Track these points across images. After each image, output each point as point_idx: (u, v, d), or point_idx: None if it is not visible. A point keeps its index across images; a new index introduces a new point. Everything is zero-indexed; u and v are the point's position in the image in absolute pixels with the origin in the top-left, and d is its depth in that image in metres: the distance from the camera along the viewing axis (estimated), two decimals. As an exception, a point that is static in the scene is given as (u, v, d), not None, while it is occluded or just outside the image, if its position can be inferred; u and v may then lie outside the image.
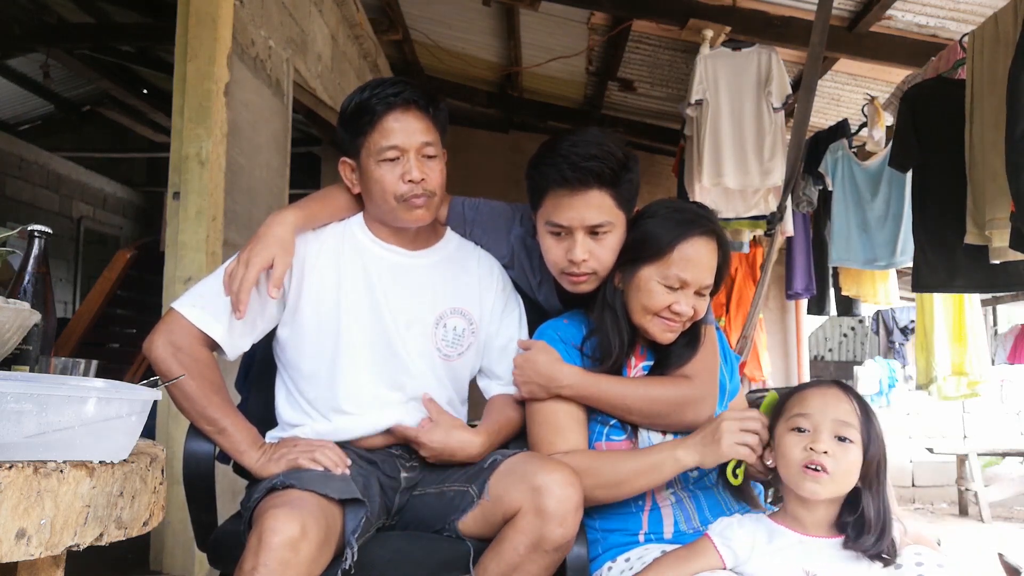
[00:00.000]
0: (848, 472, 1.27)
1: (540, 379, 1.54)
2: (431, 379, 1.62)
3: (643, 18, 4.24)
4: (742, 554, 1.30)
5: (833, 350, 12.52)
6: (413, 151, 1.55)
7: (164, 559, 2.84)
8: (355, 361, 1.57)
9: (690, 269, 1.49)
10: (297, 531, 1.23)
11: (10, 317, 1.05)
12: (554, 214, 1.53)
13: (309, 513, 1.28)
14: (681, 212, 1.55)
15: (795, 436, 1.30)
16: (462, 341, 1.65)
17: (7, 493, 0.81)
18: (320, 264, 1.59)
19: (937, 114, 2.96)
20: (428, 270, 1.65)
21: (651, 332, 1.53)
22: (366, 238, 1.64)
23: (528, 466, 1.40)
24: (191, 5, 2.89)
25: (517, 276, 1.76)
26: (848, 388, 1.33)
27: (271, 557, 1.21)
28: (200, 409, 1.48)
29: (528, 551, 1.35)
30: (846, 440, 1.27)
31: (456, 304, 1.65)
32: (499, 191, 2.07)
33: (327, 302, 1.58)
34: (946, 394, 5.19)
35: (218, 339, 1.52)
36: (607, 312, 1.56)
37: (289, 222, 1.55)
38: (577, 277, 1.56)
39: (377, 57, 5.30)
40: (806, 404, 1.31)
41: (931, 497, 6.67)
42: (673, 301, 1.49)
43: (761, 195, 4.05)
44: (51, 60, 6.36)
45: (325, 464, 1.44)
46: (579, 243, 1.52)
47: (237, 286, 1.46)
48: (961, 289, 3.10)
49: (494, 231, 1.74)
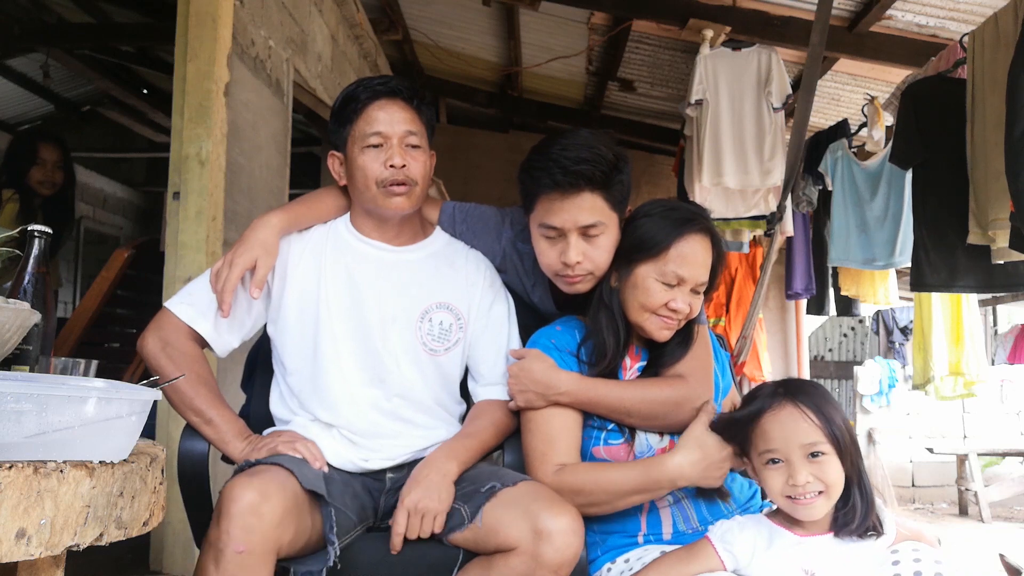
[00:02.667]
0: (834, 483, 1.28)
1: (537, 387, 1.53)
2: (415, 375, 1.62)
3: (643, 18, 4.24)
4: (743, 559, 1.30)
5: (833, 350, 12.51)
6: (396, 138, 1.58)
7: (164, 559, 2.84)
8: (336, 356, 1.58)
9: (687, 266, 1.50)
10: (255, 496, 1.25)
11: (10, 317, 1.05)
12: (546, 217, 1.54)
13: (270, 480, 1.29)
14: (677, 211, 1.57)
15: (772, 470, 1.30)
16: (449, 336, 1.65)
17: (7, 493, 0.81)
18: (303, 262, 1.62)
19: (938, 112, 2.96)
20: (414, 265, 1.67)
21: (648, 330, 1.54)
22: (350, 235, 1.67)
23: (533, 504, 1.37)
24: (191, 5, 2.88)
25: (511, 279, 1.76)
26: (798, 396, 1.30)
27: (233, 524, 1.23)
28: (187, 401, 1.51)
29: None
30: (819, 455, 1.27)
31: (442, 299, 1.65)
32: (499, 191, 2.07)
33: (308, 298, 1.60)
34: (943, 394, 5.21)
35: (205, 335, 1.56)
36: (603, 311, 1.56)
37: (273, 225, 1.59)
38: (572, 278, 1.56)
39: (377, 57, 5.30)
40: (768, 437, 1.30)
41: (931, 497, 6.67)
42: (670, 298, 1.50)
43: (761, 195, 4.05)
44: (51, 60, 6.36)
45: (304, 455, 1.45)
46: (572, 245, 1.53)
47: (221, 285, 1.52)
48: (962, 289, 3.10)
49: (484, 234, 1.75)
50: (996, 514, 5.84)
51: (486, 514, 1.40)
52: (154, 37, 5.66)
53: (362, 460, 1.57)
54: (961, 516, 6.02)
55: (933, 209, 3.02)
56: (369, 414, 1.58)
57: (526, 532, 1.34)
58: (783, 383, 1.35)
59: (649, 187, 6.35)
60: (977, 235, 2.67)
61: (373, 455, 1.58)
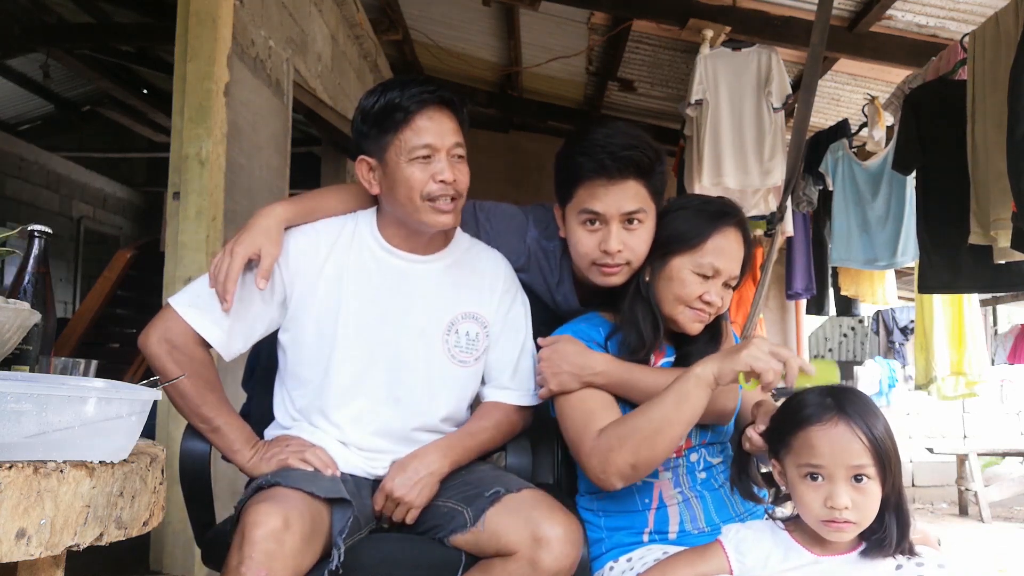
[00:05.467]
0: (871, 512, 1.22)
1: (571, 367, 1.50)
2: (438, 389, 1.58)
3: (643, 18, 4.24)
4: (754, 569, 1.27)
5: (833, 350, 12.52)
6: (445, 151, 1.51)
7: (164, 559, 2.84)
8: (351, 374, 1.54)
9: (723, 259, 1.51)
10: (279, 523, 1.24)
11: (10, 317, 1.05)
12: (590, 202, 1.53)
13: (292, 507, 1.28)
14: (711, 204, 1.58)
15: (810, 485, 1.22)
16: (476, 346, 1.62)
17: (7, 493, 0.81)
18: (325, 271, 1.56)
19: (939, 115, 2.96)
20: (439, 275, 1.62)
21: (681, 322, 1.54)
22: (376, 245, 1.59)
23: (534, 512, 1.38)
24: (191, 5, 2.89)
25: (533, 279, 1.73)
26: (851, 412, 1.22)
27: (255, 550, 1.22)
28: (194, 407, 1.49)
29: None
30: (863, 478, 1.20)
31: (468, 308, 1.61)
32: (499, 191, 2.07)
33: (328, 313, 1.54)
34: (945, 394, 5.21)
35: (214, 342, 1.50)
36: (639, 303, 1.55)
37: (277, 214, 1.53)
38: (610, 268, 1.55)
39: (377, 57, 5.30)
40: (815, 451, 1.21)
41: (931, 497, 6.67)
42: (704, 291, 1.51)
43: (761, 195, 4.05)
44: (51, 60, 6.37)
45: (315, 465, 1.43)
46: (614, 234, 1.52)
47: (223, 276, 1.44)
48: (965, 289, 3.10)
49: (507, 234, 1.72)
50: (996, 514, 5.84)
51: (489, 519, 1.40)
52: (154, 37, 5.67)
53: (370, 467, 1.55)
54: (961, 516, 6.02)
55: (935, 210, 3.02)
56: (377, 434, 1.55)
57: (526, 538, 1.35)
58: (832, 392, 1.26)
59: (649, 187, 6.34)
60: (978, 235, 2.67)
61: (379, 464, 1.56)
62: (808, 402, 1.26)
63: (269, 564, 1.22)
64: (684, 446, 1.54)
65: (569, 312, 1.72)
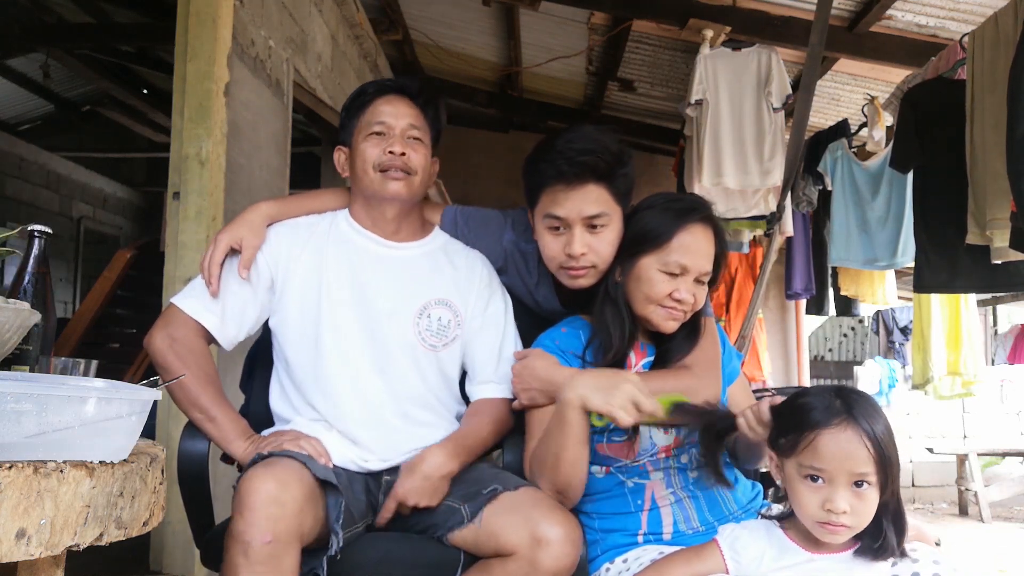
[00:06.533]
0: (867, 517, 1.22)
1: (539, 383, 1.54)
2: (412, 370, 1.63)
3: (643, 18, 4.24)
4: (749, 568, 1.28)
5: (833, 350, 12.52)
6: (399, 130, 1.63)
7: (164, 559, 2.84)
8: (338, 345, 1.59)
9: (689, 255, 1.51)
10: (275, 486, 1.26)
11: (10, 317, 1.05)
12: (551, 207, 1.55)
13: (287, 470, 1.31)
14: (678, 202, 1.58)
15: (809, 486, 1.23)
16: (447, 332, 1.66)
17: (7, 493, 0.81)
18: (305, 253, 1.63)
19: (938, 115, 2.96)
20: (412, 261, 1.68)
21: (654, 322, 1.54)
22: (349, 228, 1.69)
23: (533, 511, 1.38)
24: (191, 5, 2.89)
25: (512, 281, 1.77)
26: (859, 418, 1.21)
27: (257, 515, 1.24)
28: (192, 398, 1.51)
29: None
30: (863, 484, 1.20)
31: (441, 295, 1.66)
32: (499, 191, 2.08)
33: (310, 289, 1.62)
34: (941, 394, 5.24)
35: (210, 327, 1.57)
36: (608, 306, 1.56)
37: (261, 210, 1.65)
38: (576, 271, 1.57)
39: (377, 57, 5.30)
40: (820, 455, 1.21)
41: (931, 497, 6.67)
42: (674, 288, 1.51)
43: (761, 195, 4.05)
44: (51, 60, 6.37)
45: (309, 452, 1.45)
46: (577, 237, 1.54)
47: (208, 263, 1.57)
48: (963, 289, 3.10)
49: (486, 236, 1.76)
50: (996, 514, 5.84)
51: (486, 516, 1.41)
52: (154, 37, 5.67)
53: (362, 460, 1.58)
54: (961, 516, 6.02)
55: (933, 210, 3.02)
56: (371, 403, 1.59)
57: (525, 538, 1.35)
58: (839, 393, 1.25)
59: (649, 187, 6.28)
60: (975, 235, 2.67)
61: (372, 455, 1.58)
62: (816, 404, 1.25)
63: (274, 527, 1.24)
64: (672, 445, 1.54)
65: (553, 313, 1.74)
